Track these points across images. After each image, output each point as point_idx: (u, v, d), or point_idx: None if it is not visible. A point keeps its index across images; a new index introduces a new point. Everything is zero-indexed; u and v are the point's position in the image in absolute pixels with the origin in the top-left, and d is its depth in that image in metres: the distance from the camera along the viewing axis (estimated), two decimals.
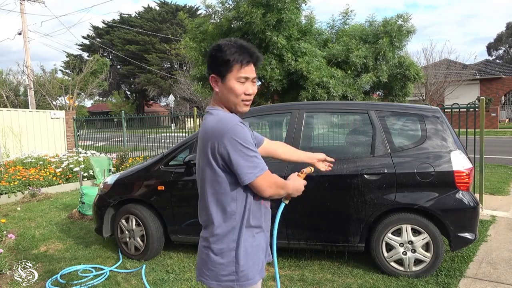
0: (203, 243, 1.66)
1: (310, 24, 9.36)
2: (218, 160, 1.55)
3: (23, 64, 16.80)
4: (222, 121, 1.55)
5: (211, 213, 1.61)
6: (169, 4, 42.08)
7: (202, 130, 1.60)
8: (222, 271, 1.59)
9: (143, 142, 11.11)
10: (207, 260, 1.62)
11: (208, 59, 1.63)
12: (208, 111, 1.64)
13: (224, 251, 1.59)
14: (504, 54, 52.33)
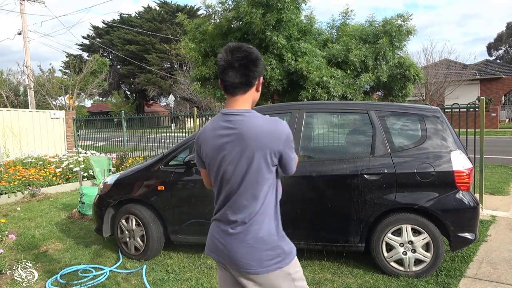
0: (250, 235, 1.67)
1: (310, 24, 9.36)
2: (274, 158, 1.64)
3: (23, 64, 16.81)
4: (278, 122, 1.65)
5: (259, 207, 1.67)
6: (169, 4, 42.07)
7: (258, 132, 1.62)
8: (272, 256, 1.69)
9: (143, 142, 11.11)
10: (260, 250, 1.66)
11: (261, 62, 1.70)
12: (251, 113, 1.67)
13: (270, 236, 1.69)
14: (504, 54, 52.35)
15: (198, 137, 1.77)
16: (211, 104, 19.10)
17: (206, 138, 1.72)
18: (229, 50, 1.64)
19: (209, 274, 3.69)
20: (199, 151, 1.79)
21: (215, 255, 1.79)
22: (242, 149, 1.62)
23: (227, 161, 1.66)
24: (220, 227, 1.78)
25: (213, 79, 9.46)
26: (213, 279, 3.56)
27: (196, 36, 9.46)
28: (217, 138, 1.67)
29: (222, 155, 1.66)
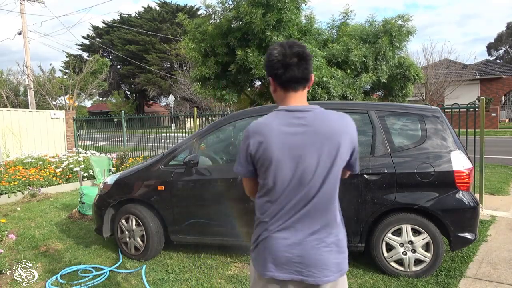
0: (331, 238, 1.58)
1: (310, 24, 9.36)
2: (347, 155, 1.59)
3: (23, 64, 16.81)
4: (347, 116, 1.62)
5: (335, 210, 1.61)
6: (169, 4, 42.07)
7: (334, 128, 1.56)
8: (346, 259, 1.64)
9: (143, 142, 11.11)
10: (339, 252, 1.61)
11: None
12: (319, 109, 1.63)
13: (344, 240, 1.64)
14: (504, 54, 52.35)
15: (253, 138, 1.56)
16: (211, 104, 19.09)
17: (272, 138, 1.53)
18: (287, 45, 1.56)
19: (209, 274, 3.69)
20: (256, 155, 1.55)
21: (284, 272, 1.55)
22: (320, 147, 1.52)
23: (306, 162, 1.52)
24: (293, 237, 1.55)
25: (213, 79, 9.45)
26: (213, 279, 3.57)
27: (196, 36, 9.46)
28: (289, 136, 1.53)
29: (298, 156, 1.52)
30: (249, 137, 1.57)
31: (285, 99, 1.61)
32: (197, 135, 4.11)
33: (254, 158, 1.57)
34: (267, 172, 1.55)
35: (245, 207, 3.79)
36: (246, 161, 1.61)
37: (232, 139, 4.67)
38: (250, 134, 1.58)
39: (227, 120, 4.17)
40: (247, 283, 3.46)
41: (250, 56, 8.42)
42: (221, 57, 9.13)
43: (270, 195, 1.57)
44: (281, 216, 1.56)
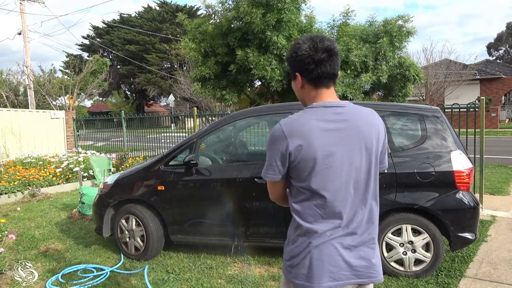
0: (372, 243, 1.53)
1: (310, 24, 9.36)
2: (382, 149, 1.55)
3: (23, 64, 16.81)
4: (375, 112, 1.57)
5: (375, 210, 1.54)
6: (169, 4, 42.07)
7: (370, 123, 1.51)
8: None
9: (143, 142, 11.11)
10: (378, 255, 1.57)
11: None
12: (351, 104, 1.55)
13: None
14: (504, 54, 52.34)
15: (291, 139, 1.43)
16: (211, 104, 19.09)
17: (314, 137, 1.42)
18: (317, 39, 1.47)
19: (209, 274, 3.69)
20: (297, 157, 1.43)
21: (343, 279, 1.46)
22: (363, 142, 1.47)
23: (353, 159, 1.45)
24: (355, 241, 1.48)
25: (213, 79, 9.45)
26: (213, 279, 3.57)
27: (196, 36, 9.46)
28: (332, 133, 1.44)
29: (345, 153, 1.44)
30: (284, 137, 1.43)
31: (317, 96, 1.52)
32: (197, 135, 4.11)
33: (292, 161, 1.44)
34: (311, 174, 1.43)
35: (245, 207, 3.79)
36: (282, 165, 1.46)
37: (232, 139, 4.67)
38: (286, 134, 1.43)
39: (227, 120, 4.17)
40: (247, 283, 3.47)
41: (250, 56, 8.42)
42: (221, 57, 9.13)
43: (318, 199, 1.44)
44: (338, 219, 1.45)
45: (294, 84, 1.58)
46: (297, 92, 1.59)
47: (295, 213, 1.50)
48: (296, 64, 1.51)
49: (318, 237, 1.44)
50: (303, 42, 1.49)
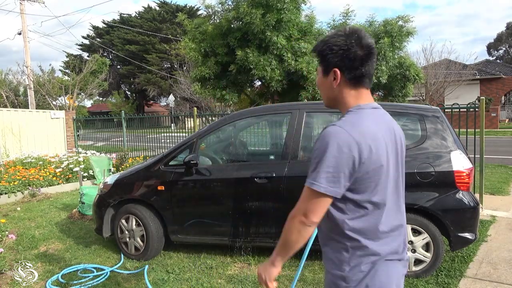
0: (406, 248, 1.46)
1: (310, 24, 9.36)
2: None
3: (23, 64, 16.80)
4: None
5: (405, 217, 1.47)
6: (169, 4, 42.07)
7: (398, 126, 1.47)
8: None
9: (143, 142, 11.11)
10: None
11: None
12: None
13: None
14: (504, 54, 52.34)
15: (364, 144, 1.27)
16: (211, 104, 19.10)
17: (378, 141, 1.30)
18: (362, 35, 1.33)
19: (209, 274, 3.69)
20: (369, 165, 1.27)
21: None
22: (400, 149, 1.42)
23: (394, 165, 1.37)
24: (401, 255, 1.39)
25: (213, 79, 9.45)
26: (213, 279, 3.57)
27: (196, 36, 9.46)
28: (386, 138, 1.35)
29: (394, 161, 1.37)
30: (355, 143, 1.25)
31: (358, 97, 1.38)
32: (197, 135, 4.11)
33: (362, 170, 1.27)
34: (378, 184, 1.30)
35: (245, 207, 3.79)
36: (350, 176, 1.27)
37: (232, 139, 4.67)
38: (356, 139, 1.26)
39: (227, 120, 4.17)
40: (247, 283, 3.47)
41: (250, 57, 8.42)
42: (221, 57, 9.13)
43: (379, 212, 1.31)
44: (391, 233, 1.34)
45: (325, 80, 1.41)
46: (328, 89, 1.41)
47: (354, 232, 1.32)
48: (337, 59, 1.34)
49: (372, 256, 1.32)
50: (347, 36, 1.33)
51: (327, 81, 1.40)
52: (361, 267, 1.32)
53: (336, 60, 1.35)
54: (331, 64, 1.36)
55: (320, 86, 1.46)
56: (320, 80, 1.44)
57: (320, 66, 1.42)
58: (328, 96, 1.44)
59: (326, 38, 1.39)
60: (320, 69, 1.43)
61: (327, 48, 1.36)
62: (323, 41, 1.39)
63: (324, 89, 1.44)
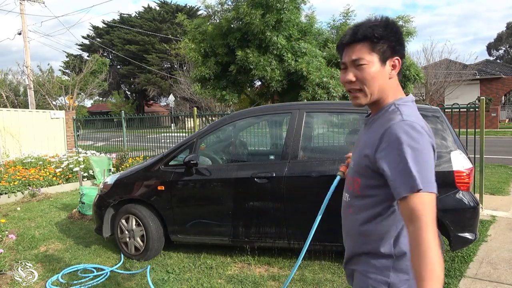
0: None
1: (310, 24, 9.36)
2: None
3: (23, 64, 16.81)
4: None
5: None
6: (169, 4, 42.08)
7: None
8: None
9: (143, 142, 11.11)
10: None
11: None
12: None
13: None
14: (504, 54, 52.34)
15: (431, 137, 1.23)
16: (211, 104, 19.10)
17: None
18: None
19: (209, 274, 3.69)
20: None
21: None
22: None
23: None
24: None
25: (213, 80, 9.45)
26: (213, 279, 3.57)
27: (196, 37, 9.46)
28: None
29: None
30: (430, 137, 1.22)
31: (399, 89, 1.35)
32: (197, 135, 4.11)
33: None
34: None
35: (245, 207, 3.79)
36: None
37: (232, 139, 4.68)
38: (429, 133, 1.22)
39: (227, 120, 4.17)
40: (247, 283, 3.47)
41: (250, 57, 8.42)
42: (221, 58, 9.13)
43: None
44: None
45: (382, 71, 1.29)
46: (383, 80, 1.30)
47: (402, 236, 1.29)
48: (398, 46, 1.29)
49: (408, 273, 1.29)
50: (395, 22, 1.31)
51: (384, 71, 1.29)
52: (407, 273, 1.28)
53: (398, 47, 1.28)
54: (395, 52, 1.29)
55: (373, 78, 1.29)
56: (376, 71, 1.29)
57: (375, 54, 1.28)
58: (380, 88, 1.31)
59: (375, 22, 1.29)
60: (376, 58, 1.28)
61: (390, 33, 1.27)
62: (381, 26, 1.27)
63: (378, 81, 1.29)
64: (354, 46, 1.30)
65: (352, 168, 1.43)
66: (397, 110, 1.28)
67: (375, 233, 1.32)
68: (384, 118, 1.29)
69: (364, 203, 1.34)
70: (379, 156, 1.22)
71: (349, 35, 1.32)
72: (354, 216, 1.38)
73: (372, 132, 1.32)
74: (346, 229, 1.48)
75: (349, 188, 1.42)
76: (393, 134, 1.20)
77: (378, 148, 1.23)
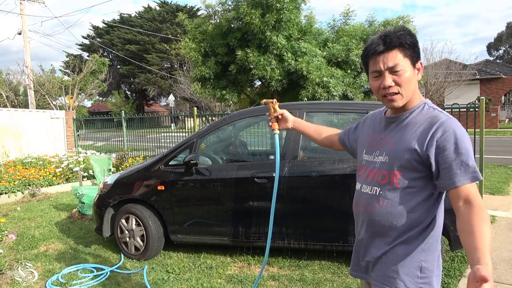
0: None
1: (310, 24, 9.37)
2: None
3: (23, 64, 16.80)
4: None
5: None
6: (169, 4, 42.08)
7: None
8: None
9: (143, 142, 11.11)
10: None
11: None
12: None
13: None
14: (504, 54, 52.34)
15: None
16: (211, 104, 19.10)
17: None
18: None
19: (209, 274, 3.69)
20: None
21: None
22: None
23: None
24: None
25: (213, 79, 9.46)
26: (213, 279, 3.57)
27: (196, 36, 9.47)
28: None
29: None
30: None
31: (418, 91, 1.50)
32: (197, 135, 4.11)
33: None
34: None
35: (245, 207, 3.79)
36: None
37: (232, 139, 4.67)
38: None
39: (227, 120, 4.17)
40: (247, 283, 3.47)
41: (250, 56, 8.43)
42: (221, 57, 9.14)
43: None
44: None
45: (414, 75, 1.45)
46: (414, 83, 1.46)
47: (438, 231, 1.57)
48: (419, 51, 1.46)
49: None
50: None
51: (412, 74, 1.44)
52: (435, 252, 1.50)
53: (419, 52, 1.44)
54: (418, 56, 1.44)
55: (409, 81, 1.43)
56: (410, 75, 1.43)
57: (407, 60, 1.41)
58: (413, 90, 1.46)
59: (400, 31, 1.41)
60: (408, 64, 1.42)
61: (414, 40, 1.41)
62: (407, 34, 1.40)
63: (412, 84, 1.44)
64: (388, 54, 1.41)
65: (383, 163, 1.50)
66: (434, 109, 1.45)
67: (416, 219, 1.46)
68: (423, 116, 1.44)
69: (405, 194, 1.45)
70: (433, 150, 1.37)
71: (383, 44, 1.42)
72: (391, 208, 1.47)
73: (410, 128, 1.44)
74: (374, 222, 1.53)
75: (381, 182, 1.50)
76: (449, 129, 1.36)
77: (429, 143, 1.38)
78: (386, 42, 1.40)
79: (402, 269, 1.45)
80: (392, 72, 1.41)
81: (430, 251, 1.47)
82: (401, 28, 1.43)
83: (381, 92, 1.46)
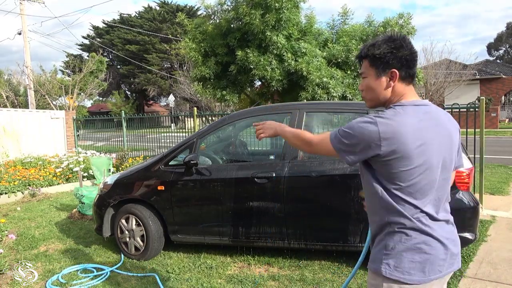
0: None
1: (310, 24, 9.36)
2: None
3: (23, 64, 16.80)
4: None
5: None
6: (169, 4, 42.08)
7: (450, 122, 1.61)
8: None
9: (143, 142, 11.10)
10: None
11: None
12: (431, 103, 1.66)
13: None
14: (504, 54, 52.33)
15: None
16: (211, 104, 19.10)
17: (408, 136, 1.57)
18: (408, 39, 1.55)
19: (209, 274, 3.69)
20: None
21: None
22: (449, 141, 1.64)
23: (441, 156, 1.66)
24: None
25: (213, 79, 9.46)
26: (213, 279, 3.57)
27: (196, 36, 9.46)
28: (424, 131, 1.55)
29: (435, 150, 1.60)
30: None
31: (406, 94, 1.54)
32: (197, 135, 4.11)
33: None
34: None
35: (245, 207, 3.79)
36: None
37: (232, 139, 4.67)
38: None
39: (227, 120, 4.17)
40: (247, 283, 3.47)
41: (250, 56, 8.42)
42: (221, 57, 9.13)
43: None
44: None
45: (378, 83, 1.55)
46: (381, 90, 1.55)
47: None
48: (397, 61, 1.50)
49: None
50: (403, 40, 1.51)
51: (380, 82, 1.54)
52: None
53: (396, 62, 1.50)
54: (390, 66, 1.51)
55: (370, 88, 1.58)
56: (372, 83, 1.56)
57: (372, 69, 1.55)
58: (380, 97, 1.57)
59: (376, 42, 1.55)
60: (372, 72, 1.55)
61: (388, 51, 1.50)
62: (375, 45, 1.53)
63: (375, 91, 1.57)
64: (362, 62, 1.60)
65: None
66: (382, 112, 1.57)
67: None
68: None
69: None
70: None
71: (359, 52, 1.62)
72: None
73: None
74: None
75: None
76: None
77: None
78: (360, 52, 1.60)
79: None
80: (362, 77, 1.61)
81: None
82: (383, 39, 1.54)
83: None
